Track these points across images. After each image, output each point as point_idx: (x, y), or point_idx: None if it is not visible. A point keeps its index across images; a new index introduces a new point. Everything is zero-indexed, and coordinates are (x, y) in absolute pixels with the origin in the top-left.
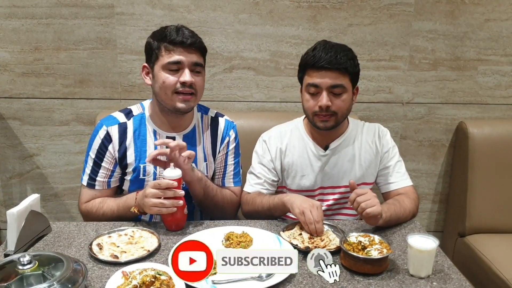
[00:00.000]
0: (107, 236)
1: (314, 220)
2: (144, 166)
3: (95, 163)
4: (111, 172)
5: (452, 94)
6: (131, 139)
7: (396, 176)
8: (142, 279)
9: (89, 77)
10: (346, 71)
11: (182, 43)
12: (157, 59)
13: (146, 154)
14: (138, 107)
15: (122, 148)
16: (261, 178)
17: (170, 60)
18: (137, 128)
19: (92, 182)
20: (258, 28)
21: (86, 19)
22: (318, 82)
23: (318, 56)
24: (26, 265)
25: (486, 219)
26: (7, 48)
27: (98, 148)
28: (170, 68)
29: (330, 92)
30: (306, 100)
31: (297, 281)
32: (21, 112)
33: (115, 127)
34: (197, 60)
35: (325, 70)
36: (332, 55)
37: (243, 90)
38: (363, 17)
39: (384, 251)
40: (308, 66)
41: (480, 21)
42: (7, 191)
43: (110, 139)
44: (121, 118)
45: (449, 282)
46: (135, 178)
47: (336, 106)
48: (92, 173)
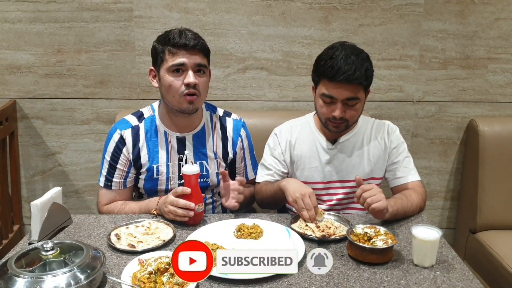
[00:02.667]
0: (125, 227)
1: (306, 207)
2: (157, 166)
3: (110, 166)
4: (126, 173)
5: (462, 93)
6: (143, 141)
7: (404, 171)
8: (157, 266)
9: (108, 78)
10: (361, 84)
11: (185, 46)
12: (162, 62)
13: (158, 154)
14: (148, 109)
15: (135, 150)
16: (271, 169)
17: (174, 62)
18: (149, 130)
19: (108, 183)
20: (271, 29)
21: (106, 22)
22: (335, 94)
23: (336, 69)
24: (48, 251)
25: (497, 216)
26: (31, 51)
27: (113, 151)
28: (174, 70)
29: (344, 103)
30: (320, 106)
31: (304, 270)
32: (44, 112)
33: (128, 130)
34: (200, 61)
35: (342, 83)
36: (349, 68)
37: (256, 89)
38: (374, 18)
39: (389, 242)
40: (325, 76)
41: (490, 20)
42: (31, 188)
43: (124, 142)
44: (134, 121)
45: (452, 272)
46: (149, 178)
47: (349, 115)
48: (108, 174)
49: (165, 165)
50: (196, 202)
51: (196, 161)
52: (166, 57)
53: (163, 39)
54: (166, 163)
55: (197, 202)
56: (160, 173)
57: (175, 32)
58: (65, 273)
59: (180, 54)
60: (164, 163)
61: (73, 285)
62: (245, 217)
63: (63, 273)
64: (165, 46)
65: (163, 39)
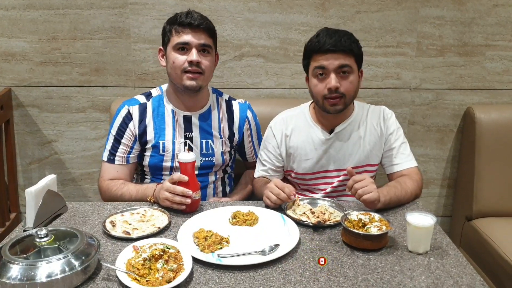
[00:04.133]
0: (120, 215)
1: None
2: (163, 143)
3: (115, 140)
4: (130, 149)
5: (459, 80)
6: (150, 117)
7: (400, 157)
8: (152, 253)
9: (104, 65)
10: (351, 52)
11: (190, 25)
12: (168, 41)
13: (164, 131)
14: (157, 89)
15: (142, 126)
16: (266, 165)
17: (179, 41)
18: (156, 108)
19: (112, 157)
20: (267, 16)
21: (101, 9)
22: (325, 64)
23: (322, 41)
24: (43, 238)
25: (493, 203)
26: (25, 38)
27: (119, 126)
28: (179, 48)
29: (337, 73)
30: (314, 85)
31: (298, 256)
32: (39, 100)
33: (136, 107)
34: (205, 41)
35: (331, 52)
36: (336, 38)
37: (253, 77)
38: (371, 4)
39: (384, 228)
40: (313, 51)
41: (487, 7)
42: (27, 176)
43: (130, 117)
44: (142, 99)
45: (446, 258)
46: (155, 154)
47: (344, 88)
48: (112, 149)
49: (171, 142)
50: (193, 189)
51: (202, 139)
52: (172, 35)
53: (171, 19)
54: (172, 140)
55: (194, 189)
56: (166, 149)
57: (182, 13)
58: (60, 259)
59: (185, 33)
60: (171, 140)
61: (68, 272)
62: (240, 204)
63: (58, 260)
64: (172, 25)
65: (171, 19)
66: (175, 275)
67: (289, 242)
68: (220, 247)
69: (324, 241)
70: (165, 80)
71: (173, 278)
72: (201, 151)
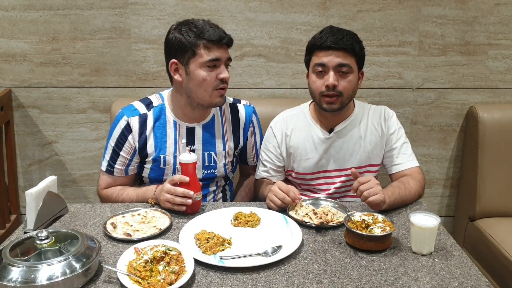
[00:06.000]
0: (121, 216)
1: (282, 197)
2: (164, 157)
3: (114, 151)
4: (129, 161)
5: (462, 79)
6: (150, 129)
7: (402, 157)
8: (153, 255)
9: (104, 66)
10: (352, 52)
11: (219, 41)
12: (194, 56)
13: (166, 144)
14: (157, 97)
15: (142, 139)
16: (267, 165)
17: (210, 58)
18: (157, 119)
19: (110, 169)
20: (268, 16)
21: (101, 9)
22: (325, 61)
23: (324, 38)
24: (43, 240)
25: (496, 203)
26: (26, 39)
27: (118, 137)
28: (209, 66)
29: (336, 72)
30: (313, 82)
31: (301, 257)
32: (40, 101)
33: (136, 118)
34: (229, 55)
35: (332, 49)
36: (338, 36)
37: (254, 77)
38: (372, 3)
39: (387, 229)
40: (315, 47)
41: (490, 5)
42: (27, 177)
43: (130, 130)
44: (142, 109)
45: (450, 259)
46: (155, 167)
47: (342, 86)
48: (111, 160)
49: (173, 156)
50: (194, 190)
51: (204, 152)
52: (201, 52)
53: (193, 32)
54: (173, 153)
55: (195, 190)
56: (167, 163)
57: (204, 25)
58: (60, 262)
59: (215, 49)
60: (172, 153)
61: (68, 274)
62: (242, 205)
63: (58, 262)
64: (198, 39)
65: (194, 32)
66: (177, 278)
67: (291, 244)
68: (222, 248)
69: (327, 242)
70: (165, 81)
71: (175, 280)
72: (203, 163)
